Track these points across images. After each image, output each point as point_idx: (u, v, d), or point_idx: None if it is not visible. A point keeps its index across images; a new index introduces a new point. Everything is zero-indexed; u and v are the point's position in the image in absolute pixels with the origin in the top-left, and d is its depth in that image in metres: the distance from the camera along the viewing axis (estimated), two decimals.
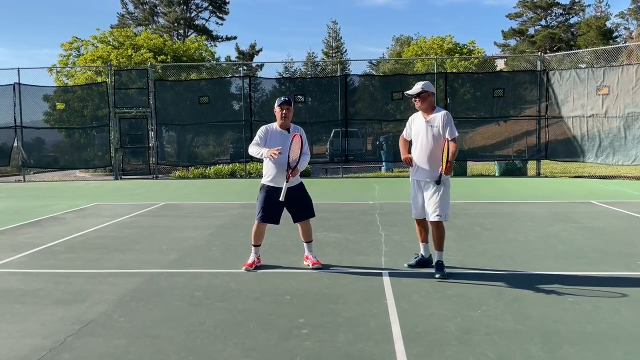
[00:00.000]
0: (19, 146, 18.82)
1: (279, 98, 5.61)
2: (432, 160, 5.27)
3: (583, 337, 3.79)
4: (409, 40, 46.63)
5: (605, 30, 44.97)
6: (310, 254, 5.77)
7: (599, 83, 15.95)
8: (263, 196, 5.61)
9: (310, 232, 5.74)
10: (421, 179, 5.34)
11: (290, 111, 5.57)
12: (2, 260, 6.28)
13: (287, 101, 5.55)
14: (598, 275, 5.37)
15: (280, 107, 5.52)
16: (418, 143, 5.36)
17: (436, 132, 5.27)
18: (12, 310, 4.53)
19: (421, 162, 5.31)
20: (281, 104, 5.52)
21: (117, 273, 5.66)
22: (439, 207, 5.24)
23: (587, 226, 7.97)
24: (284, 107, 5.51)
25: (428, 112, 5.38)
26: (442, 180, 5.22)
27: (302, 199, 5.62)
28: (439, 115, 5.33)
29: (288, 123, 5.58)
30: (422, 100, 5.34)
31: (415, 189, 5.43)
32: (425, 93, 5.33)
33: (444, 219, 5.27)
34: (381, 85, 19.79)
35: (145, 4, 46.47)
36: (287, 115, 5.53)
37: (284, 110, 5.51)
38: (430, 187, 5.28)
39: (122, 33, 28.35)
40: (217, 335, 3.90)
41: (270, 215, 5.57)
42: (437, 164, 5.26)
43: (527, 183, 15.11)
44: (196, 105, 18.72)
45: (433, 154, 5.26)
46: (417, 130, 5.39)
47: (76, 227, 8.50)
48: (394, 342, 3.72)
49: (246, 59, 44.85)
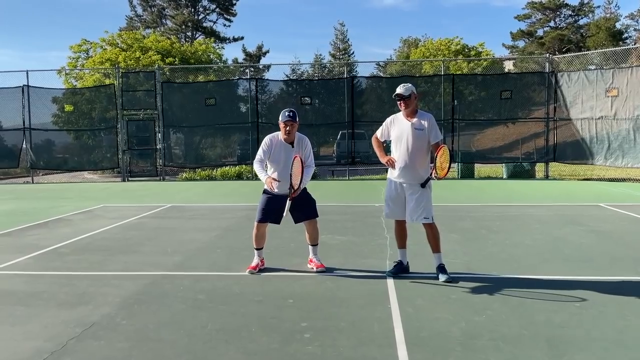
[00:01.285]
0: (27, 148, 18.94)
1: (282, 112, 5.57)
2: (417, 162, 5.25)
3: (589, 342, 3.73)
4: (417, 41, 46.54)
5: (614, 32, 44.62)
6: (314, 257, 5.74)
7: (608, 85, 15.82)
8: (264, 200, 5.64)
9: (316, 236, 5.71)
10: (405, 181, 5.29)
11: (295, 127, 5.53)
12: (8, 262, 6.30)
13: (292, 117, 5.49)
14: (605, 279, 5.29)
15: (284, 123, 5.50)
16: (401, 145, 5.30)
17: (422, 135, 5.25)
18: (15, 312, 4.53)
19: (405, 164, 5.26)
20: (285, 121, 5.49)
21: (122, 275, 5.67)
22: (426, 209, 5.24)
23: (595, 229, 7.89)
24: (288, 124, 5.48)
25: (411, 115, 5.35)
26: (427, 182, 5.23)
27: (303, 201, 5.56)
28: (425, 118, 5.32)
29: (292, 138, 5.56)
30: (410, 103, 5.31)
31: (395, 190, 5.36)
32: (413, 95, 5.33)
33: (431, 221, 5.27)
34: (388, 87, 19.71)
35: (153, 6, 46.68)
36: (291, 131, 5.51)
37: (288, 127, 5.49)
38: (414, 190, 5.25)
39: (130, 35, 28.55)
40: (219, 339, 3.89)
41: (269, 215, 5.58)
42: (422, 167, 5.27)
43: (535, 185, 15.00)
44: (203, 107, 18.75)
45: (417, 157, 5.25)
46: (400, 132, 5.33)
47: (83, 228, 8.53)
48: (397, 347, 3.68)
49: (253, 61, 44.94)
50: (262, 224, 5.64)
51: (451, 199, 11.14)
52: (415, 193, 5.24)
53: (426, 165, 5.33)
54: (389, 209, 5.45)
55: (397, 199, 5.36)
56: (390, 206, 5.42)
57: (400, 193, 5.34)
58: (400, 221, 5.45)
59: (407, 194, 5.29)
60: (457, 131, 17.95)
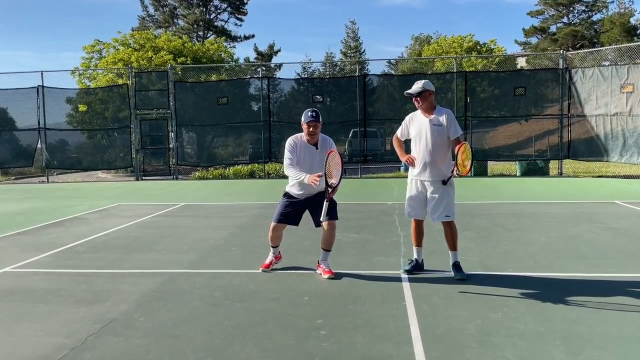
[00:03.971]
0: (42, 148, 19.16)
1: (305, 113, 5.35)
2: (438, 159, 5.20)
3: (607, 340, 3.71)
4: (429, 39, 46.30)
5: (629, 27, 44.03)
6: (324, 263, 5.48)
7: (623, 81, 15.63)
8: (284, 202, 5.52)
9: (332, 241, 5.44)
10: (426, 179, 5.25)
11: (318, 127, 5.33)
12: (26, 260, 6.39)
13: (315, 118, 5.27)
14: (622, 277, 5.25)
15: (307, 124, 5.30)
16: (421, 142, 5.27)
17: (441, 131, 5.20)
18: (35, 309, 4.60)
19: (426, 161, 5.22)
20: (309, 122, 5.29)
21: (138, 273, 5.72)
22: (448, 207, 5.20)
23: (612, 227, 7.82)
24: (312, 125, 5.28)
25: (429, 112, 5.30)
26: (449, 180, 5.18)
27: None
28: (443, 114, 5.27)
29: (316, 139, 5.38)
30: (423, 100, 5.26)
31: (416, 189, 5.33)
32: (426, 92, 5.24)
33: (452, 219, 5.24)
34: (400, 85, 19.62)
35: (165, 6, 46.86)
36: (315, 132, 5.32)
37: (311, 128, 5.29)
38: (436, 188, 5.21)
39: (142, 35, 28.71)
40: (236, 336, 3.92)
41: (288, 218, 5.50)
42: (442, 164, 5.21)
43: (549, 183, 14.88)
44: (215, 106, 18.83)
45: (438, 153, 5.20)
46: (419, 129, 5.30)
47: (98, 227, 8.62)
48: (413, 344, 3.69)
49: (265, 60, 44.97)
50: (279, 224, 5.55)
51: (465, 197, 11.08)
52: (437, 191, 5.20)
53: (447, 161, 5.26)
54: (410, 207, 5.40)
55: (418, 197, 5.31)
56: (411, 205, 5.38)
57: (422, 191, 5.30)
58: (419, 220, 5.42)
59: (428, 192, 5.25)
60: (470, 129, 17.85)
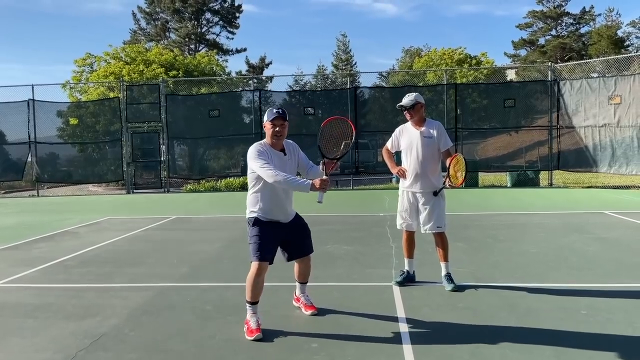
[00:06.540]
0: (32, 161, 19.05)
1: (269, 110, 4.26)
2: (429, 171, 5.27)
3: (597, 350, 3.73)
4: (419, 51, 46.71)
5: (616, 39, 44.73)
6: (302, 296, 4.68)
7: (611, 92, 15.84)
8: (257, 231, 4.18)
9: (309, 272, 4.63)
10: (418, 190, 5.30)
11: (285, 127, 4.20)
12: (16, 275, 6.33)
13: (282, 114, 4.17)
14: (612, 287, 5.29)
15: (272, 122, 4.16)
16: (412, 154, 5.33)
17: (431, 143, 5.28)
18: (24, 324, 4.56)
19: (417, 173, 5.28)
20: (274, 119, 4.15)
21: (129, 287, 5.69)
22: (439, 218, 5.25)
23: (601, 237, 7.88)
24: (278, 123, 4.16)
25: (420, 124, 5.38)
26: (440, 191, 5.24)
27: (302, 230, 4.48)
28: (434, 126, 5.34)
29: (282, 143, 4.26)
30: (415, 112, 5.34)
31: (408, 200, 5.38)
32: (418, 104, 5.33)
33: (444, 230, 5.29)
34: (391, 97, 19.80)
35: (157, 20, 47.03)
36: (282, 132, 4.18)
37: (277, 127, 4.16)
38: (427, 199, 5.27)
39: (134, 49, 28.75)
40: (228, 349, 3.90)
41: (272, 251, 4.24)
42: (433, 175, 5.28)
43: (540, 194, 14.98)
44: (207, 118, 18.86)
45: (429, 165, 5.27)
46: (410, 141, 5.37)
47: (89, 241, 8.56)
48: (404, 356, 3.69)
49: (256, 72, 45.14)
50: (264, 263, 4.12)
51: (456, 208, 11.12)
52: (428, 202, 5.26)
53: (438, 173, 5.35)
54: (402, 219, 5.44)
55: (411, 209, 5.37)
56: (404, 216, 5.42)
57: (413, 203, 5.35)
58: (411, 231, 5.46)
59: (419, 203, 5.30)
60: (461, 140, 17.98)
